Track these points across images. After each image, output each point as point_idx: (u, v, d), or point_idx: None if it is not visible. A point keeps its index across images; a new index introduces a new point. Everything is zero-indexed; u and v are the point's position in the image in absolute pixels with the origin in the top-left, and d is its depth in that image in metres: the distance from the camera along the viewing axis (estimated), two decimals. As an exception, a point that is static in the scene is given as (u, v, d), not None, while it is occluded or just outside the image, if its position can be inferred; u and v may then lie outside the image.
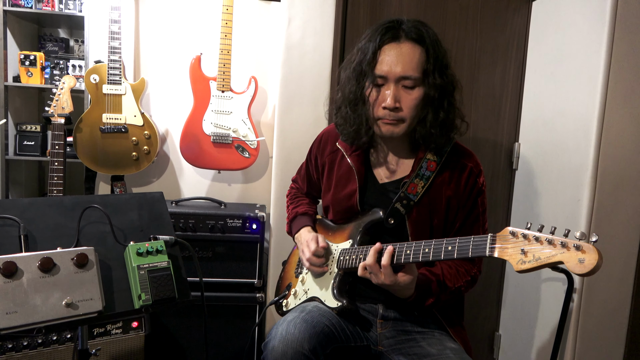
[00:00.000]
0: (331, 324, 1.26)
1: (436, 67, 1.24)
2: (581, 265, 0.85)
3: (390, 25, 1.26)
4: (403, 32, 1.24)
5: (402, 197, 1.30)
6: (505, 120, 2.19)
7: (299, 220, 1.55)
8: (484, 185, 1.35)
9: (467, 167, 1.32)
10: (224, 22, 2.07)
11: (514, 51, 2.16)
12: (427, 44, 1.24)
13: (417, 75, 1.23)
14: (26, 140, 2.31)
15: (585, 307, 1.73)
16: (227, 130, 2.14)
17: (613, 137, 1.67)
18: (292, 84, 2.05)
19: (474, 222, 1.34)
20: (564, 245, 0.88)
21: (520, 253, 0.94)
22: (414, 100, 1.24)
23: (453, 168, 1.32)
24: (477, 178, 1.33)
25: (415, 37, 1.23)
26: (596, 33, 1.66)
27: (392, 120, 1.26)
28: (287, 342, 1.16)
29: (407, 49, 1.23)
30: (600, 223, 1.69)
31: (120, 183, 2.23)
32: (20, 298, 1.00)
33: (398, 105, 1.24)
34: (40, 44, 2.43)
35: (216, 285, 2.01)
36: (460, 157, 1.34)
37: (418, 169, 1.31)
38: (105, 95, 2.07)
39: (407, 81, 1.23)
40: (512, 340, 2.15)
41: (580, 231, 0.89)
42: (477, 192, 1.33)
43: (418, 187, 1.30)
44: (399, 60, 1.22)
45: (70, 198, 1.24)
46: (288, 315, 1.28)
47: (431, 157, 1.32)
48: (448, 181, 1.31)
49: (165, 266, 1.17)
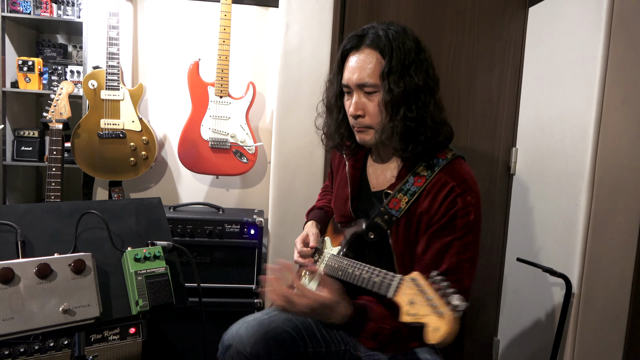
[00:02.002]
0: (294, 330, 1.27)
1: (394, 71, 1.16)
2: (434, 334, 0.86)
3: (358, 33, 1.24)
4: (365, 39, 1.21)
5: (383, 212, 1.23)
6: (503, 125, 2.20)
7: (312, 213, 1.60)
8: (469, 209, 1.15)
9: (449, 185, 1.17)
10: (222, 28, 2.08)
11: (511, 56, 2.17)
12: (384, 47, 1.17)
13: (374, 81, 1.18)
14: (24, 145, 2.31)
15: (583, 312, 1.72)
16: (225, 135, 2.14)
17: (610, 141, 1.67)
18: (290, 89, 2.06)
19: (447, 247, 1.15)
20: (433, 307, 0.89)
21: (409, 303, 0.94)
22: (375, 107, 1.20)
23: (435, 184, 1.19)
24: (457, 197, 1.15)
25: (371, 43, 1.19)
26: (593, 38, 1.67)
27: (360, 128, 1.25)
28: (233, 340, 1.24)
29: (364, 55, 1.20)
30: (598, 227, 1.69)
31: (118, 189, 2.23)
32: (17, 304, 1.00)
33: (361, 113, 1.22)
34: (39, 50, 2.43)
35: (214, 291, 2.00)
36: (448, 174, 1.19)
37: (403, 183, 1.22)
38: (103, 100, 2.08)
39: (367, 88, 1.20)
40: (510, 346, 2.15)
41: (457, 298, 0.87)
42: (455, 214, 1.14)
43: (402, 203, 1.21)
44: (356, 67, 1.21)
45: (68, 204, 1.24)
46: (251, 315, 1.33)
47: (421, 172, 1.21)
48: (424, 198, 1.19)
49: (162, 272, 1.16)
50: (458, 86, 2.18)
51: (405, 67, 1.17)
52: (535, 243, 1.99)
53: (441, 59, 2.16)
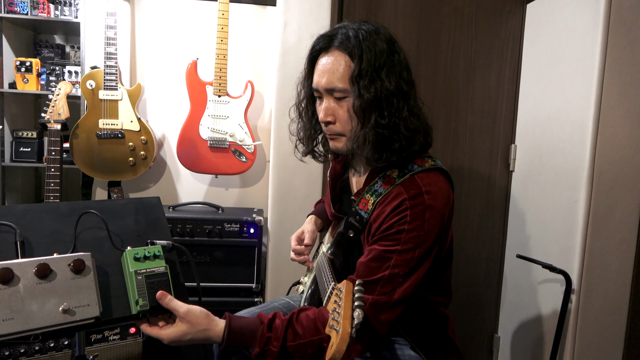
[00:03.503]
0: None
1: (363, 75, 1.07)
2: (329, 349, 0.83)
3: (327, 34, 1.16)
4: (334, 40, 1.13)
5: (355, 212, 1.18)
6: (501, 122, 2.20)
7: (319, 206, 1.61)
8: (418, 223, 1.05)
9: (401, 197, 1.08)
10: (220, 26, 2.08)
11: (509, 53, 2.17)
12: (352, 49, 1.08)
13: (344, 85, 1.09)
14: (22, 146, 2.31)
15: (583, 308, 1.73)
16: (224, 134, 2.14)
17: (609, 137, 1.67)
18: (288, 88, 2.05)
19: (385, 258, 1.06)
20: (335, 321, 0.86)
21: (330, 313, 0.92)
22: (345, 113, 1.11)
23: (391, 193, 1.12)
24: (407, 210, 1.06)
25: (340, 45, 1.11)
26: (591, 35, 1.67)
27: (331, 135, 1.17)
28: None
29: (332, 58, 1.11)
30: (598, 223, 1.69)
31: (117, 189, 2.23)
32: (17, 304, 0.99)
33: (331, 119, 1.14)
34: (36, 51, 2.43)
35: (214, 290, 2.00)
36: (409, 185, 1.10)
37: (372, 184, 1.17)
38: (101, 100, 2.07)
39: (336, 93, 1.11)
40: (511, 342, 2.15)
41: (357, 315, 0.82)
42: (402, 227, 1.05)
43: (369, 204, 1.16)
44: (325, 70, 1.12)
45: (67, 204, 1.23)
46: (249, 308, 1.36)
47: (391, 174, 1.14)
48: (380, 203, 1.13)
49: (162, 271, 1.16)
50: (457, 83, 2.18)
51: (376, 70, 1.08)
52: (535, 240, 1.99)
53: (439, 56, 2.16)
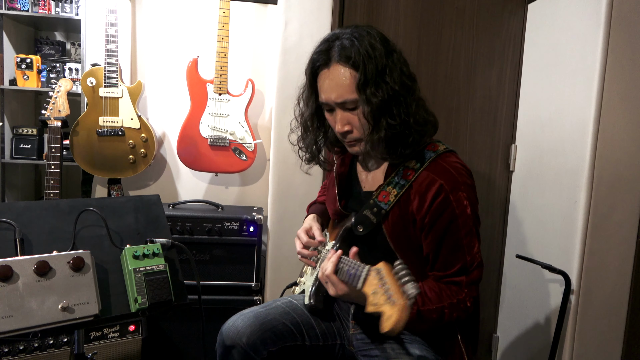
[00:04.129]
0: (292, 322, 1.32)
1: (369, 81, 1.13)
2: (386, 322, 0.87)
3: (323, 49, 1.20)
4: (332, 54, 1.17)
5: (372, 204, 1.22)
6: (502, 122, 2.19)
7: (313, 207, 1.59)
8: (464, 205, 1.15)
9: (436, 183, 1.15)
10: (221, 25, 2.07)
11: (510, 53, 2.16)
12: (355, 60, 1.13)
13: (353, 96, 1.15)
14: (23, 143, 2.31)
15: (582, 307, 1.73)
16: (224, 133, 2.14)
17: (609, 138, 1.67)
18: (289, 86, 2.05)
19: (454, 249, 1.16)
20: (388, 297, 0.90)
21: (373, 294, 0.95)
22: (359, 121, 1.18)
23: (422, 182, 1.17)
24: (449, 195, 1.14)
25: (339, 58, 1.15)
26: (592, 34, 1.67)
27: (349, 142, 1.23)
28: (230, 332, 1.28)
29: (336, 73, 1.16)
30: (597, 224, 1.69)
31: (117, 186, 2.22)
32: (16, 302, 0.99)
33: (348, 129, 1.20)
34: (37, 47, 2.43)
35: (214, 288, 2.00)
36: (435, 171, 1.17)
37: (392, 176, 1.22)
38: (101, 98, 2.07)
39: (348, 104, 1.17)
40: (510, 342, 2.15)
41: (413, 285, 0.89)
42: (450, 214, 1.14)
43: (390, 196, 1.20)
44: (332, 86, 1.17)
45: (66, 201, 1.23)
46: (248, 308, 1.36)
47: (411, 165, 1.20)
48: (413, 195, 1.18)
49: (161, 269, 1.16)
50: (457, 83, 2.17)
51: (379, 73, 1.14)
52: (535, 240, 1.99)
53: (440, 56, 2.16)
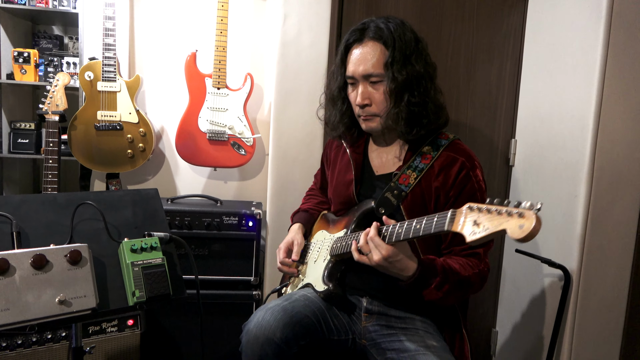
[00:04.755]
0: (314, 316, 1.28)
1: (397, 61, 1.26)
2: (520, 230, 0.87)
3: (358, 27, 1.33)
4: (366, 32, 1.31)
5: (393, 187, 1.31)
6: (502, 116, 2.19)
7: (297, 215, 1.66)
8: (481, 182, 1.31)
9: (458, 161, 1.30)
10: (220, 18, 2.06)
11: (510, 47, 2.15)
12: (386, 38, 1.27)
13: (379, 71, 1.28)
14: (20, 138, 2.29)
15: (582, 302, 1.73)
16: (223, 127, 2.13)
17: (609, 132, 1.67)
18: (288, 80, 2.04)
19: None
20: (509, 214, 0.91)
21: (473, 225, 0.96)
22: (381, 95, 1.30)
23: (444, 161, 1.31)
24: (470, 171, 1.29)
25: (374, 35, 1.29)
26: (592, 29, 1.66)
27: (366, 117, 1.35)
28: (260, 328, 1.20)
29: (367, 47, 1.30)
30: (597, 219, 1.69)
31: (115, 181, 2.22)
32: (13, 295, 0.99)
33: (367, 102, 1.32)
34: (34, 41, 2.41)
35: (212, 283, 2.00)
36: (454, 152, 1.33)
37: (411, 160, 1.33)
38: (99, 92, 2.06)
39: (373, 78, 1.30)
40: (509, 337, 2.15)
41: (529, 202, 0.91)
42: (471, 188, 1.29)
43: (410, 179, 1.31)
44: (361, 59, 1.30)
45: (64, 195, 1.23)
46: (272, 302, 1.30)
47: (427, 150, 1.33)
48: (437, 173, 1.31)
49: (159, 263, 1.16)
50: (457, 78, 2.16)
51: (407, 56, 1.27)
52: (534, 235, 1.98)
53: (440, 50, 2.15)
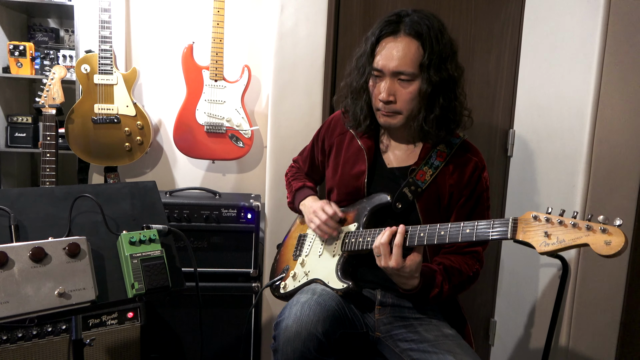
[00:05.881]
0: (342, 309, 1.28)
1: (433, 63, 1.23)
2: (608, 247, 0.88)
3: (392, 19, 1.27)
4: (402, 26, 1.25)
5: (411, 182, 1.32)
6: (500, 106, 2.18)
7: (304, 191, 1.56)
8: (488, 182, 1.36)
9: (472, 161, 1.34)
10: (216, 10, 2.05)
11: (509, 37, 2.14)
12: (425, 38, 1.23)
13: (412, 70, 1.24)
14: (17, 132, 2.29)
15: (579, 292, 1.73)
16: (221, 119, 2.12)
17: (607, 122, 1.66)
18: (285, 72, 2.04)
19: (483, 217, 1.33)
20: (589, 229, 0.91)
21: (544, 236, 0.97)
22: (408, 95, 1.26)
23: (458, 160, 1.34)
24: (481, 173, 1.34)
25: (412, 32, 1.24)
26: (590, 18, 1.65)
27: (387, 113, 1.30)
28: (301, 323, 1.17)
29: (403, 44, 1.24)
30: (595, 208, 1.69)
31: (113, 174, 2.21)
32: (12, 288, 0.99)
33: (392, 99, 1.27)
34: (30, 34, 2.40)
35: (212, 275, 2.00)
36: (467, 151, 1.36)
37: (427, 157, 1.33)
38: (96, 85, 2.05)
39: (403, 76, 1.25)
40: (507, 326, 2.16)
41: (602, 215, 0.92)
42: (482, 187, 1.34)
43: (426, 175, 1.32)
44: (394, 55, 1.24)
45: (61, 188, 1.23)
46: (301, 297, 1.26)
47: (442, 148, 1.34)
48: (452, 172, 1.33)
49: (158, 255, 1.16)
50: (455, 68, 2.15)
51: (443, 59, 1.24)
52: (532, 225, 1.99)
53: (438, 40, 2.13)
